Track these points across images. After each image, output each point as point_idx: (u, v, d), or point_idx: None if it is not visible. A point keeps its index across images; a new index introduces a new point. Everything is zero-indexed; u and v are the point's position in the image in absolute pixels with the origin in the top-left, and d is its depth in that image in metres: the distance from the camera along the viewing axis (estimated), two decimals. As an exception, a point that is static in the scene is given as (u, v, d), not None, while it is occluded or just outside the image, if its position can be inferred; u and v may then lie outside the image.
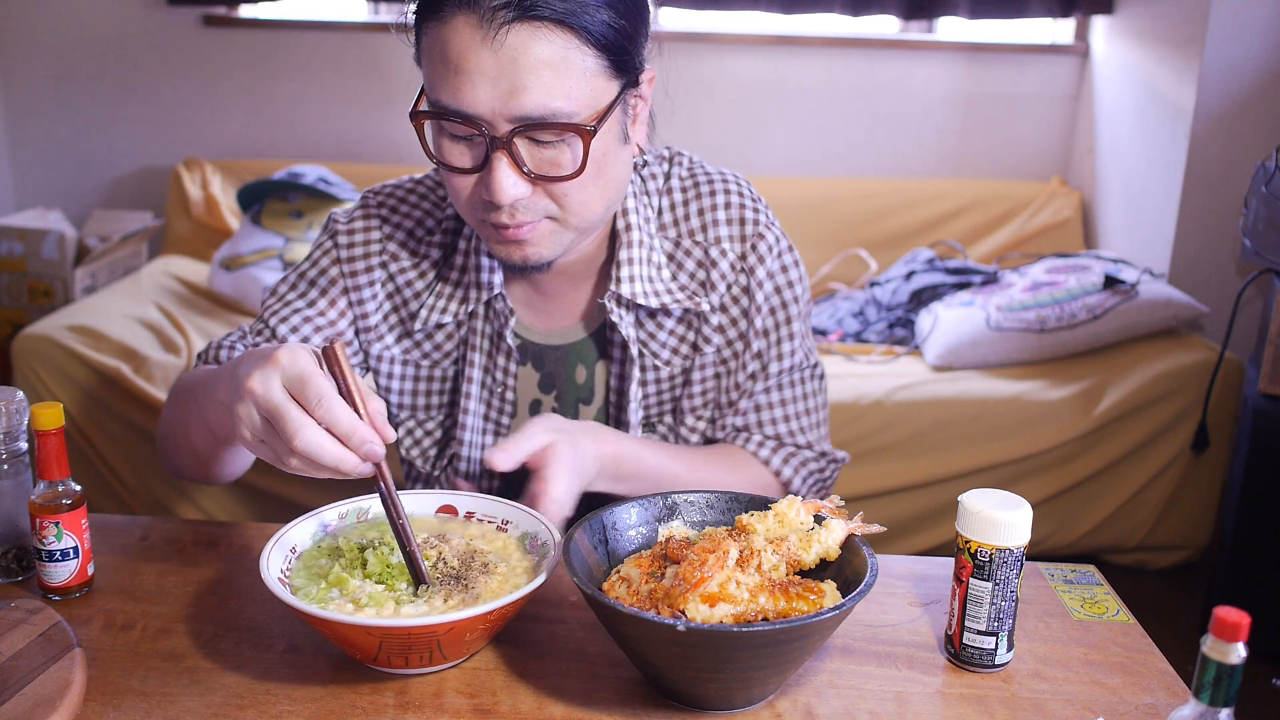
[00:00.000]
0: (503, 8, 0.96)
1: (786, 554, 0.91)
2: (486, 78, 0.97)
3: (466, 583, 0.93)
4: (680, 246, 1.22)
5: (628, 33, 1.02)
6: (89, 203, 3.55)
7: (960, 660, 0.94)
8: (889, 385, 2.64)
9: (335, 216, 1.26)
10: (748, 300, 1.22)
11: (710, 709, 0.87)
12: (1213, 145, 2.87)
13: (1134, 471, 2.65)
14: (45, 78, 3.46)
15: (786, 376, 1.26)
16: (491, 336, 1.23)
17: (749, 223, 1.21)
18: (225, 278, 3.00)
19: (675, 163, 1.25)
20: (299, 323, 1.22)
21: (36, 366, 2.57)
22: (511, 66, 0.97)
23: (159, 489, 2.61)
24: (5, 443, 1.02)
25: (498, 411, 1.26)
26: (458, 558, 0.96)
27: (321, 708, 0.87)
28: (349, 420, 0.85)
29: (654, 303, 1.18)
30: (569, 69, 0.98)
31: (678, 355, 1.23)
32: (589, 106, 1.00)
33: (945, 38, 3.52)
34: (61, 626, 0.92)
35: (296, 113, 3.49)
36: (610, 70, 1.01)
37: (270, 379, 0.85)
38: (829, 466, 1.29)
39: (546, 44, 0.97)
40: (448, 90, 0.99)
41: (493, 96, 0.98)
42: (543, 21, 0.96)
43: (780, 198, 3.32)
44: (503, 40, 0.96)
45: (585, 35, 0.98)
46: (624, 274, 1.17)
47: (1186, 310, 2.72)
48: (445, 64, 0.99)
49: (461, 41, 0.97)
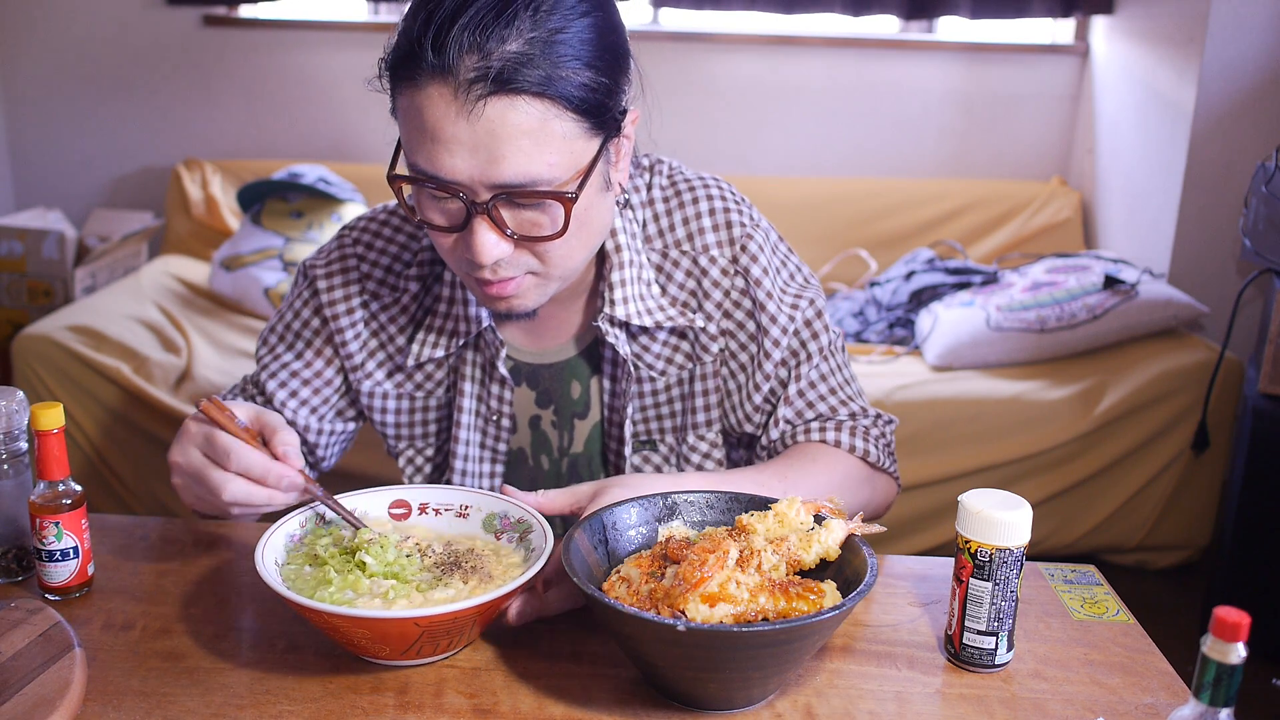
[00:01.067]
0: (478, 81, 0.93)
1: (786, 554, 0.91)
2: (464, 147, 0.95)
3: (472, 565, 0.95)
4: (668, 257, 1.20)
5: (607, 89, 1.00)
6: (89, 203, 3.55)
7: (960, 660, 0.94)
8: (889, 385, 2.64)
9: (313, 265, 1.24)
10: (750, 301, 1.20)
11: (710, 709, 0.87)
12: (1213, 145, 2.87)
13: (1134, 471, 2.65)
14: (45, 78, 3.46)
15: (821, 360, 1.22)
16: (483, 365, 1.23)
17: (735, 225, 1.20)
18: (225, 278, 3.00)
19: (655, 171, 1.23)
20: (287, 377, 1.24)
21: (36, 366, 2.57)
22: (489, 138, 0.95)
23: (159, 489, 2.61)
24: (5, 443, 1.02)
25: (494, 439, 1.25)
26: (444, 550, 0.98)
27: (321, 708, 0.87)
28: (261, 464, 0.96)
29: (647, 321, 1.17)
30: (548, 137, 0.96)
31: (672, 365, 1.22)
32: (570, 169, 0.99)
33: (945, 38, 3.52)
34: (61, 626, 0.92)
35: (296, 113, 3.49)
36: (591, 130, 0.99)
37: (187, 449, 0.99)
38: (886, 427, 1.25)
39: (524, 114, 0.94)
40: (424, 156, 0.97)
41: (471, 165, 0.96)
42: (520, 93, 0.94)
43: (780, 198, 3.33)
44: (480, 113, 0.94)
45: (564, 102, 0.96)
46: (617, 295, 1.16)
47: (1186, 310, 2.72)
48: (421, 131, 0.97)
49: (437, 111, 0.95)
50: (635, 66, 1.07)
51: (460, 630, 0.89)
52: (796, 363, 1.22)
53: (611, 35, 1.01)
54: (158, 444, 2.57)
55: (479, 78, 0.93)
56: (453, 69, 0.94)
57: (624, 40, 1.04)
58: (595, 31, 0.99)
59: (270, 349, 1.26)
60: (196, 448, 0.98)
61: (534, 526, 0.99)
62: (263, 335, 1.28)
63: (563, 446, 1.26)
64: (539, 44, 0.95)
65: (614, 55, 1.01)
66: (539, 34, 0.95)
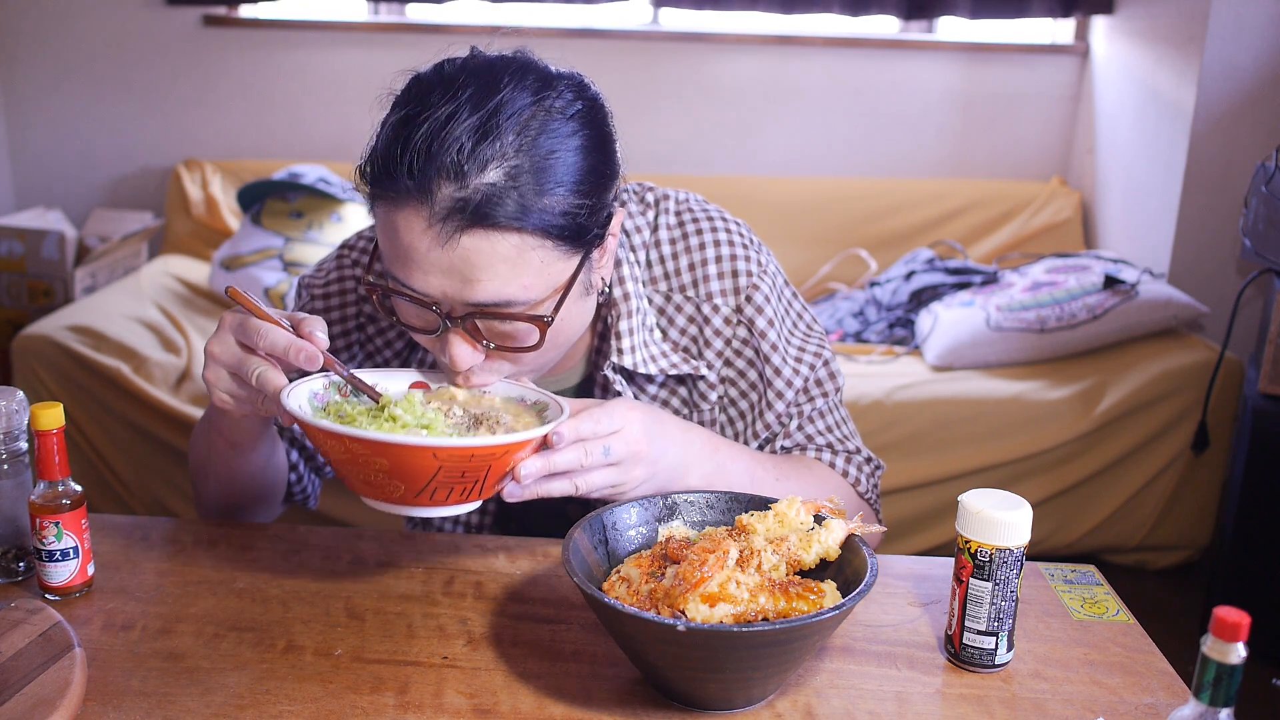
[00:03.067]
0: (455, 213, 0.91)
1: (786, 554, 0.91)
2: (438, 269, 0.94)
3: (495, 421, 0.97)
4: (671, 301, 1.18)
5: (591, 209, 0.97)
6: (89, 203, 3.55)
7: (960, 660, 0.94)
8: (889, 385, 2.64)
9: (311, 286, 1.23)
10: (752, 351, 1.18)
11: (710, 709, 0.87)
12: (1213, 145, 2.87)
13: (1134, 471, 2.65)
14: (45, 78, 3.46)
15: (824, 401, 1.23)
16: None
17: (741, 274, 1.17)
18: (225, 278, 3.00)
19: (661, 209, 1.20)
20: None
21: (36, 366, 2.57)
22: (464, 265, 0.93)
23: (159, 489, 2.61)
24: (5, 443, 1.02)
25: None
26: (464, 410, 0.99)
27: (321, 708, 0.87)
28: (284, 339, 0.95)
29: (652, 369, 1.16)
30: (524, 263, 0.94)
31: (667, 408, 1.21)
32: (546, 288, 0.97)
33: (945, 38, 3.52)
34: (61, 626, 0.92)
35: (296, 113, 3.49)
36: (570, 250, 0.97)
37: (225, 338, 0.98)
38: (876, 471, 1.26)
39: (500, 245, 0.92)
40: (399, 269, 0.96)
41: (445, 284, 0.94)
42: (495, 228, 0.92)
43: (780, 198, 3.33)
44: (456, 243, 0.92)
45: (541, 234, 0.94)
46: (625, 345, 1.14)
47: (1186, 310, 2.72)
48: (396, 248, 0.95)
49: (412, 234, 0.93)
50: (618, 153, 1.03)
51: (475, 474, 0.89)
52: (799, 411, 1.22)
53: (600, 153, 0.98)
54: (158, 444, 2.57)
55: (455, 209, 0.91)
56: (429, 194, 0.91)
57: (613, 152, 1.01)
58: (583, 154, 0.96)
59: None
60: (232, 334, 0.97)
61: (550, 405, 1.00)
62: None
63: None
64: (522, 173, 0.92)
65: (600, 175, 0.98)
66: (522, 161, 0.92)
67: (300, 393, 0.97)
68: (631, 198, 1.21)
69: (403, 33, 3.44)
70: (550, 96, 0.95)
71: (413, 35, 3.43)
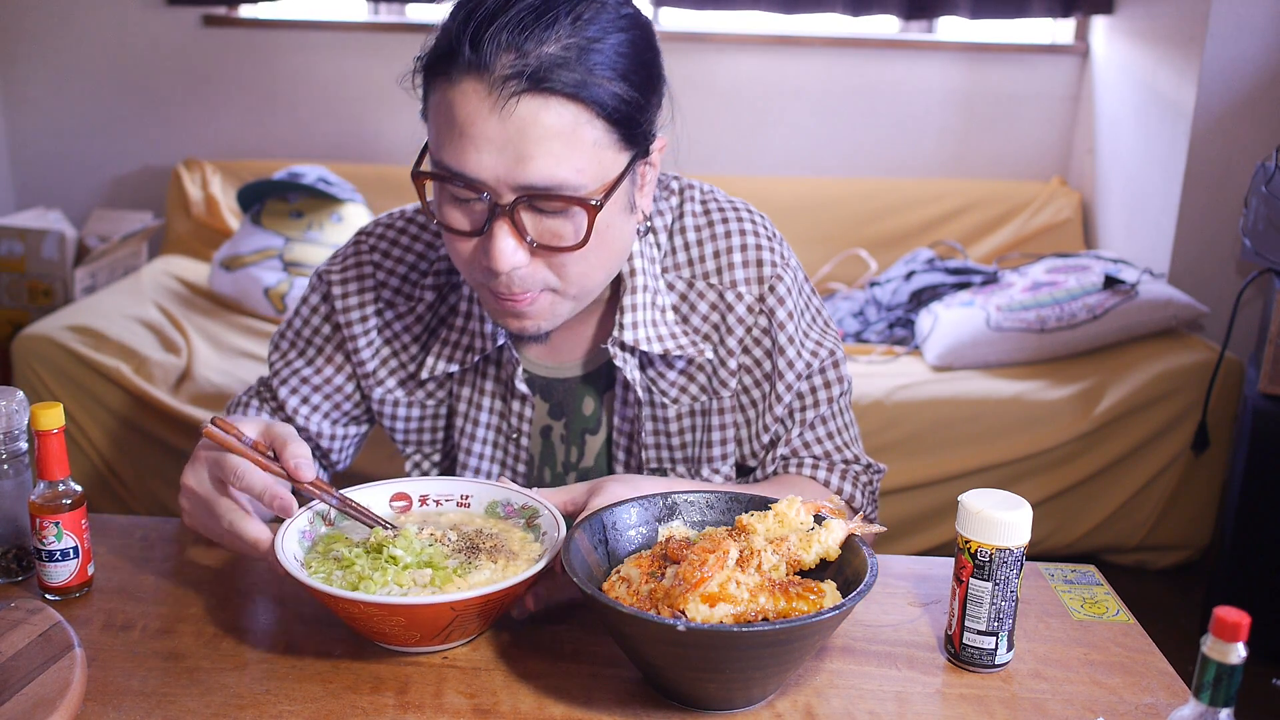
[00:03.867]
0: (513, 78, 0.93)
1: (786, 554, 0.91)
2: (493, 144, 0.95)
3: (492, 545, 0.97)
4: (694, 288, 1.19)
5: (639, 104, 1.00)
6: (89, 203, 3.55)
7: (960, 660, 0.94)
8: (889, 385, 2.64)
9: (329, 274, 1.23)
10: (770, 341, 1.19)
11: (710, 709, 0.87)
12: (1213, 145, 2.87)
13: (1134, 471, 2.65)
14: (45, 78, 3.46)
15: (828, 407, 1.23)
16: (502, 381, 1.22)
17: (766, 264, 1.18)
18: (225, 278, 3.00)
19: (687, 197, 1.21)
20: (298, 384, 1.24)
21: (36, 366, 2.57)
22: (519, 136, 0.94)
23: (159, 489, 2.61)
24: (5, 443, 1.02)
25: (513, 457, 1.25)
26: (458, 537, 0.99)
27: (321, 708, 0.87)
28: (260, 482, 0.96)
29: (656, 348, 1.16)
30: (578, 141, 0.96)
31: (685, 394, 1.21)
32: (596, 179, 0.98)
33: (945, 38, 3.52)
34: (61, 626, 0.92)
35: (296, 113, 3.49)
36: (620, 143, 0.99)
37: (199, 472, 1.00)
38: (874, 478, 1.27)
39: (556, 116, 0.94)
40: (452, 153, 0.97)
41: (498, 164, 0.96)
42: (553, 94, 0.94)
43: (780, 198, 3.33)
44: (511, 110, 0.94)
45: (596, 108, 0.96)
46: (627, 320, 1.15)
47: (1186, 310, 2.72)
48: (451, 126, 0.97)
49: (469, 106, 0.95)
50: (669, 94, 1.07)
51: (489, 613, 0.91)
52: (802, 407, 1.22)
53: (648, 54, 1.02)
54: (158, 444, 2.57)
55: (514, 75, 0.93)
56: (488, 65, 0.94)
57: (659, 63, 1.04)
58: (632, 47, 0.99)
59: (282, 354, 1.26)
60: (208, 470, 0.99)
61: (539, 510, 1.01)
62: (274, 339, 1.27)
63: (570, 461, 1.26)
64: (575, 49, 0.95)
65: (648, 73, 1.01)
66: (576, 40, 0.95)
67: (291, 539, 0.96)
68: (657, 187, 1.21)
69: (403, 33, 3.44)
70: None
71: (413, 35, 3.42)
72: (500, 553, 0.97)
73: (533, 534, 1.01)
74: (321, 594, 0.87)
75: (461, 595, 0.87)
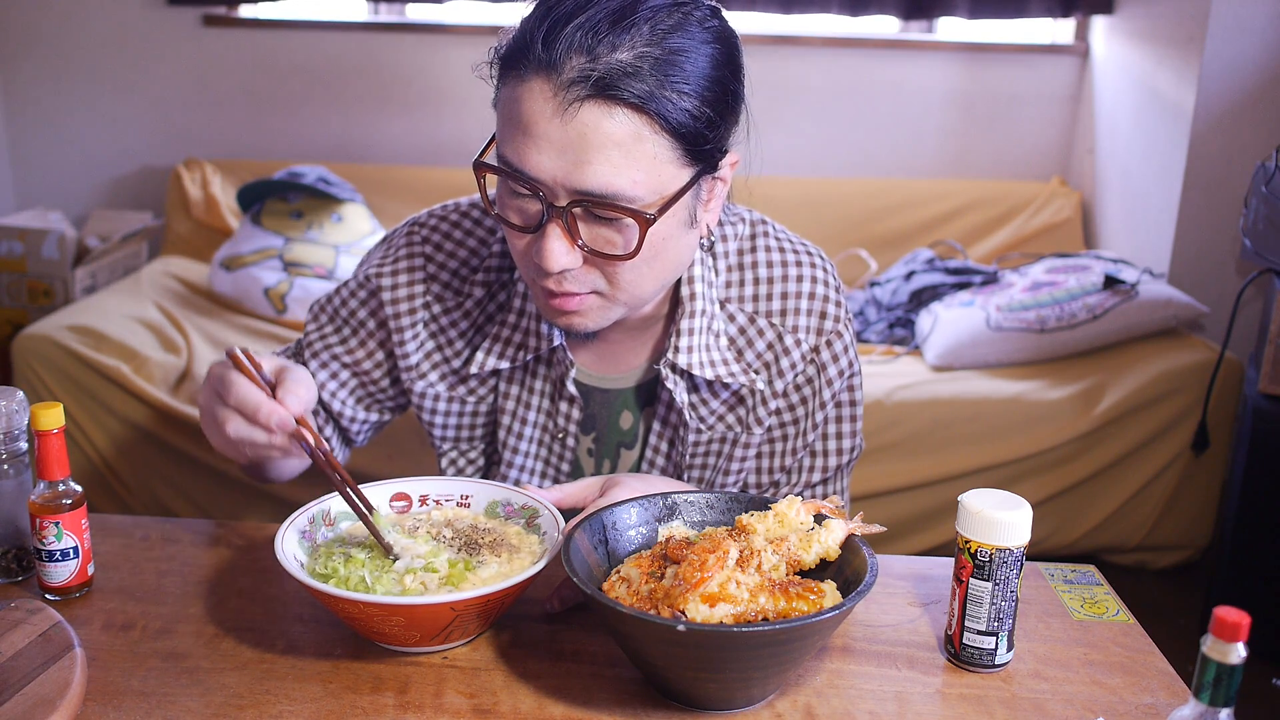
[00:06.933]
0: (579, 82, 0.93)
1: (786, 554, 0.91)
2: (553, 146, 0.95)
3: (491, 541, 0.97)
4: (755, 324, 1.19)
5: (709, 121, 0.98)
6: (89, 203, 3.55)
7: (960, 660, 0.94)
8: (889, 385, 2.64)
9: (379, 271, 1.22)
10: (810, 391, 1.20)
11: (710, 709, 0.87)
12: (1213, 145, 2.87)
13: (1134, 471, 2.65)
14: (45, 78, 3.46)
15: (838, 458, 1.25)
16: (552, 380, 1.21)
17: (829, 317, 1.19)
18: (225, 278, 3.00)
19: (760, 231, 1.22)
20: (328, 359, 1.24)
21: (36, 366, 2.57)
22: (579, 141, 0.94)
23: (159, 489, 2.61)
24: (5, 443, 1.02)
25: (557, 456, 1.25)
26: (454, 531, 0.99)
27: (321, 708, 0.87)
28: (254, 399, 0.94)
29: (709, 374, 1.16)
30: (639, 152, 0.95)
31: (722, 423, 1.21)
32: (654, 191, 0.97)
33: (945, 38, 3.52)
34: (61, 626, 0.92)
35: (296, 113, 3.49)
36: (685, 158, 0.98)
37: (206, 389, 0.99)
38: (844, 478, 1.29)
39: (619, 125, 0.94)
40: (513, 149, 0.97)
41: (556, 166, 0.95)
42: (618, 103, 0.93)
43: (780, 198, 3.33)
44: (574, 114, 0.93)
45: (661, 121, 0.95)
46: (683, 344, 1.15)
47: (1186, 310, 2.72)
48: (515, 122, 0.97)
49: (534, 106, 0.95)
50: (748, 114, 1.06)
51: (490, 612, 0.91)
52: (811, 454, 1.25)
53: (727, 69, 1.00)
54: (158, 444, 2.57)
55: (580, 79, 0.93)
56: (558, 66, 0.93)
57: (739, 80, 1.03)
58: (712, 64, 0.97)
59: (319, 326, 1.25)
60: (212, 386, 0.98)
61: (539, 510, 1.01)
62: (313, 309, 1.27)
63: (600, 473, 1.26)
64: (650, 59, 0.94)
65: (723, 89, 0.99)
66: (654, 50, 0.94)
67: (291, 540, 0.96)
68: (728, 211, 1.21)
69: (403, 33, 3.44)
70: (689, 6, 0.98)
71: (413, 35, 3.42)
72: (502, 546, 0.97)
73: (535, 534, 1.01)
74: (321, 594, 0.88)
75: (461, 595, 0.87)
